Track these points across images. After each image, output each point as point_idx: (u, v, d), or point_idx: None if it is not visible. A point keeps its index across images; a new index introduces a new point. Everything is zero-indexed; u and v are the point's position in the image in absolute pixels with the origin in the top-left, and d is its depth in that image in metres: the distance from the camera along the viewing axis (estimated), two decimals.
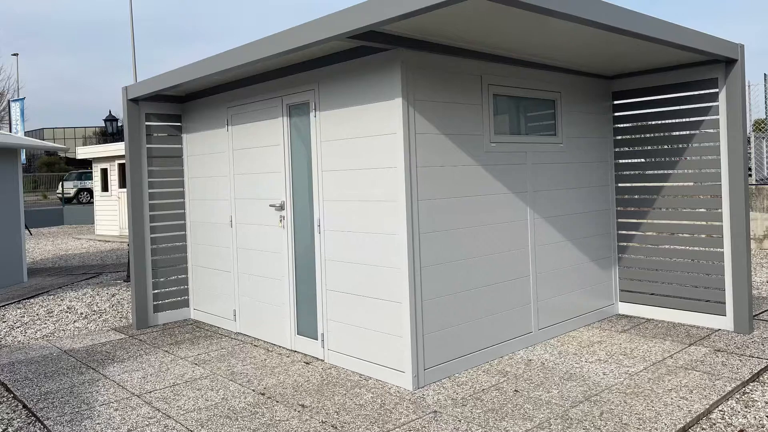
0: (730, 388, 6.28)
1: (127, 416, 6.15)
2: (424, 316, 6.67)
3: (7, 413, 6.45)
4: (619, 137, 9.28)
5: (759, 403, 6.02)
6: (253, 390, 6.72)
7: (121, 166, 24.57)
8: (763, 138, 18.07)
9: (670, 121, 8.73)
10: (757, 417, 5.73)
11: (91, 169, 27.16)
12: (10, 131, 44.09)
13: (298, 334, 8.05)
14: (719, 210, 8.25)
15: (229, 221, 9.11)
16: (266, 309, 8.54)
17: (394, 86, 6.52)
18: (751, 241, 14.69)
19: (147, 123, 9.77)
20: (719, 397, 6.09)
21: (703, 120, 8.36)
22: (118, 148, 23.92)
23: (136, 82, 9.59)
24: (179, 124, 10.10)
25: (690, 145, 8.51)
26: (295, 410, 6.12)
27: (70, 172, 53.24)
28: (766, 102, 18.07)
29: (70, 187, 48.49)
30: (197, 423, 5.93)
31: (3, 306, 11.65)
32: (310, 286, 7.83)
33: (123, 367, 7.70)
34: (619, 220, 9.31)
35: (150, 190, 9.77)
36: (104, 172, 25.67)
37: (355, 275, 7.14)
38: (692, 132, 8.48)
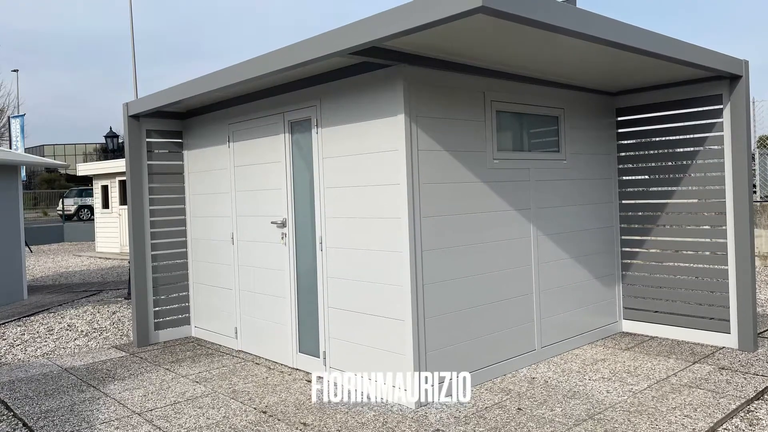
0: (734, 407, 6.24)
1: None
2: (426, 333, 6.63)
3: None
4: (623, 154, 9.26)
5: (763, 422, 5.97)
6: (255, 408, 6.68)
7: (122, 183, 24.53)
8: None
9: (674, 137, 8.71)
10: None
11: (92, 185, 27.10)
12: (10, 148, 44.08)
13: (299, 351, 8.01)
14: (724, 227, 8.22)
15: (231, 238, 9.07)
16: (268, 327, 8.50)
17: (396, 102, 6.50)
18: (756, 258, 14.63)
19: (148, 139, 9.76)
20: (723, 415, 6.05)
21: (707, 137, 8.33)
22: (118, 165, 23.88)
23: (137, 98, 9.57)
24: (180, 140, 10.08)
25: (694, 161, 8.49)
26: (296, 428, 6.08)
27: (70, 189, 53.27)
28: None
29: (70, 204, 48.48)
30: None
31: (3, 323, 11.60)
32: (311, 304, 7.79)
33: (124, 385, 7.66)
34: (623, 237, 9.28)
35: (151, 207, 9.74)
36: (105, 188, 25.65)
37: (357, 293, 7.10)
38: (696, 148, 8.45)
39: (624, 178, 9.27)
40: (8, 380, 8.06)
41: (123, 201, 24.59)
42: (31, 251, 27.75)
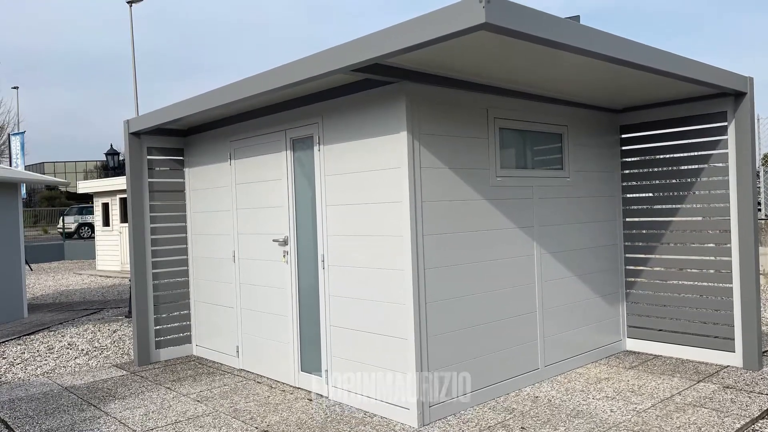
0: (738, 426, 6.20)
1: None
2: (429, 352, 6.59)
3: None
4: (627, 171, 9.23)
5: None
6: (256, 428, 6.63)
7: (123, 201, 24.52)
8: None
9: (678, 155, 8.69)
10: None
11: (92, 203, 27.08)
12: (10, 165, 44.13)
13: (301, 370, 7.96)
14: (728, 245, 8.19)
15: (232, 256, 9.04)
16: (269, 345, 8.45)
17: (399, 120, 6.48)
18: (761, 276, 14.58)
19: (149, 157, 9.73)
20: None
21: (711, 154, 8.31)
22: (119, 183, 23.86)
23: (138, 115, 9.55)
24: (181, 158, 10.06)
25: (698, 179, 8.46)
26: None
27: (70, 207, 53.22)
28: None
29: (70, 222, 48.38)
30: None
31: (3, 342, 11.55)
32: (313, 322, 7.75)
33: (124, 404, 7.61)
34: (627, 255, 9.24)
35: (152, 225, 9.71)
36: (105, 206, 25.64)
37: (359, 311, 7.06)
38: (701, 166, 8.43)
39: (628, 195, 9.24)
40: (8, 399, 8.01)
41: (124, 219, 24.56)
42: (32, 269, 27.72)
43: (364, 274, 6.99)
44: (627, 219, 9.25)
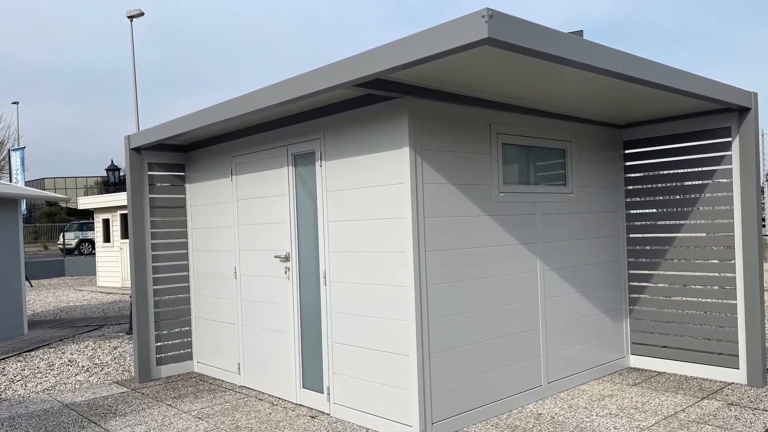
0: None
1: None
2: (431, 369, 6.55)
3: None
4: (631, 187, 9.21)
5: None
6: None
7: (124, 217, 24.54)
8: None
9: (682, 170, 8.67)
10: None
11: (93, 219, 27.10)
12: (10, 181, 44.15)
13: (303, 387, 7.92)
14: (732, 261, 8.16)
15: (233, 272, 9.01)
16: (271, 362, 8.41)
17: (401, 135, 6.46)
18: (765, 292, 14.55)
19: (150, 172, 9.72)
20: None
21: (715, 169, 8.29)
22: (120, 198, 23.91)
23: (139, 131, 9.53)
24: (182, 173, 10.05)
25: (702, 194, 8.44)
26: None
27: (71, 223, 53.24)
28: None
29: (71, 238, 48.38)
30: None
31: (3, 359, 11.51)
32: (315, 339, 7.71)
33: (125, 421, 7.56)
34: (631, 271, 9.21)
35: (153, 241, 9.69)
36: (106, 222, 25.64)
37: (361, 328, 7.02)
38: (705, 182, 8.41)
39: (631, 211, 9.21)
40: (8, 416, 7.97)
41: (125, 235, 24.57)
42: (32, 286, 27.68)
43: (366, 290, 6.96)
44: (630, 235, 9.23)
